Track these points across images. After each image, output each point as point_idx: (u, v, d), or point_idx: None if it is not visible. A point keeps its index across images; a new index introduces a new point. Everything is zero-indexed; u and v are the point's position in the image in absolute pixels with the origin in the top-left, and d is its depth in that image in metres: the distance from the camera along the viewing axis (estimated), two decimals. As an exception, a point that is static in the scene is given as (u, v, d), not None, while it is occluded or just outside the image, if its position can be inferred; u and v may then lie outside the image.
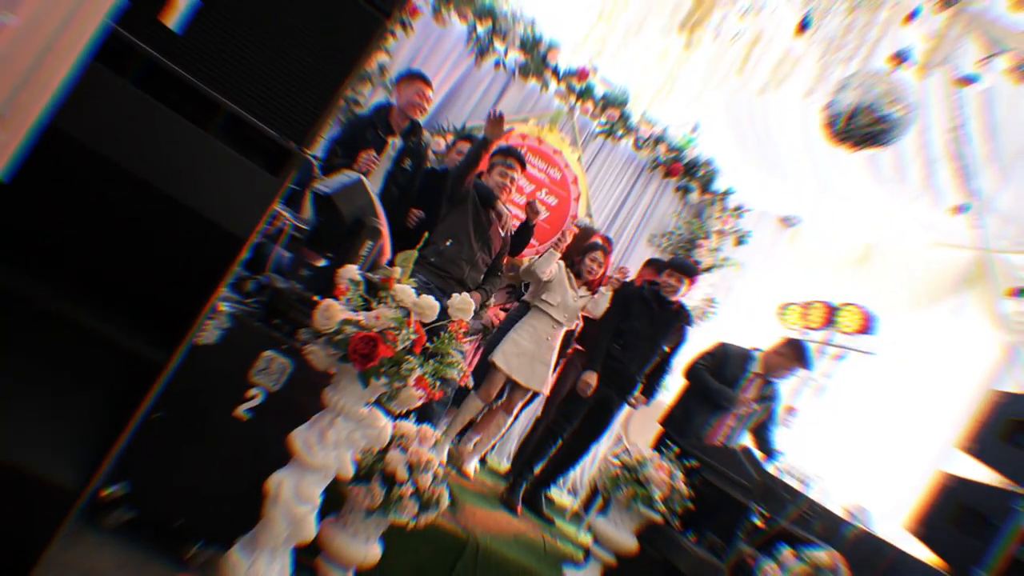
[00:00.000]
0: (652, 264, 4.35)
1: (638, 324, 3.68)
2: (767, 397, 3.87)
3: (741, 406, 3.71)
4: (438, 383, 1.73)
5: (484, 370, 3.61)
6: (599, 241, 3.90)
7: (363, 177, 1.99)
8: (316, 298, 1.71)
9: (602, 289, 3.70)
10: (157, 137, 1.30)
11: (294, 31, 1.46)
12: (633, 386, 3.70)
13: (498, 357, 3.51)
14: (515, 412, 3.70)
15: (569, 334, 3.92)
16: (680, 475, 2.88)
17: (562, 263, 3.65)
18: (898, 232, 4.98)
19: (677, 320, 3.76)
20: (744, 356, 3.91)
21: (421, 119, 3.62)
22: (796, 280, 5.72)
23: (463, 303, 1.75)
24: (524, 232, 3.63)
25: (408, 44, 4.78)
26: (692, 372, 3.92)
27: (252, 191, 1.38)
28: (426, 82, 3.60)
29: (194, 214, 1.33)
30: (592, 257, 3.69)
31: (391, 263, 1.84)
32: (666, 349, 3.76)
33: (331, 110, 1.49)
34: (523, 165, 3.36)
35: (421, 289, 1.73)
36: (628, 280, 3.82)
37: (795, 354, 3.85)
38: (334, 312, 1.65)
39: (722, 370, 3.85)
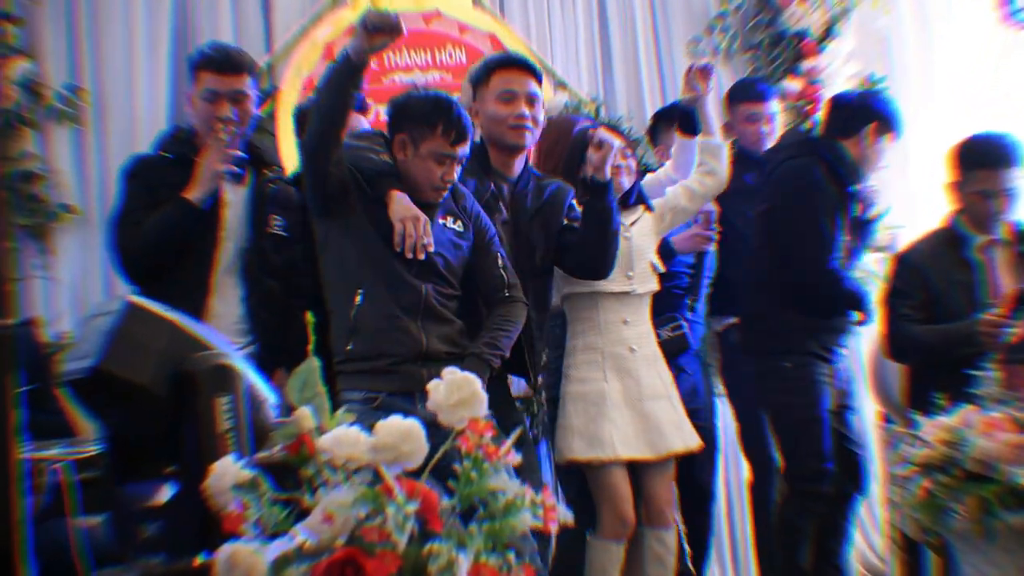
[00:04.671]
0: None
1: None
2: None
3: (991, 331, 3.68)
4: (512, 557, 1.77)
5: (577, 484, 3.72)
6: (589, 127, 3.98)
7: (130, 296, 2.00)
8: (198, 561, 1.74)
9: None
10: None
11: None
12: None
13: (576, 445, 3.62)
14: (673, 515, 3.87)
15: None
16: (1032, 415, 2.98)
17: None
18: None
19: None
20: (950, 241, 4.10)
21: (245, 127, 3.58)
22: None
23: (454, 390, 1.80)
24: None
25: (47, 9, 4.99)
26: (898, 346, 4.15)
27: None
28: (228, 59, 3.56)
29: None
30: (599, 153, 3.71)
31: (285, 409, 1.87)
32: None
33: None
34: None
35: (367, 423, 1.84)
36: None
37: (987, 162, 3.96)
38: (248, 562, 1.68)
39: (934, 291, 4.03)
